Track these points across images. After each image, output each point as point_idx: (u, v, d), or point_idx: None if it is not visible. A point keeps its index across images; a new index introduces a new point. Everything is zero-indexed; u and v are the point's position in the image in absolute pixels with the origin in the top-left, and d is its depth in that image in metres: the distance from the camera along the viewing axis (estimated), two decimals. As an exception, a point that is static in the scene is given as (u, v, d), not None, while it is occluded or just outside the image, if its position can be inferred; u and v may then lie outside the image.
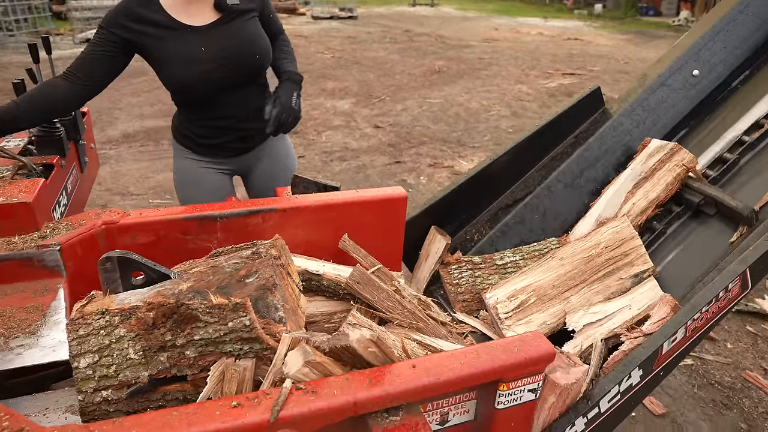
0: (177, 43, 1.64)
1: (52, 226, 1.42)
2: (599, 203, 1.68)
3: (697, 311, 1.15)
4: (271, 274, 1.09)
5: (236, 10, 1.70)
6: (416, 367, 0.95)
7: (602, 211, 1.66)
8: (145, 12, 1.62)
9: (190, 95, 1.74)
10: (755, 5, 1.86)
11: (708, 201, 1.55)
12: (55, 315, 1.33)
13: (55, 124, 1.69)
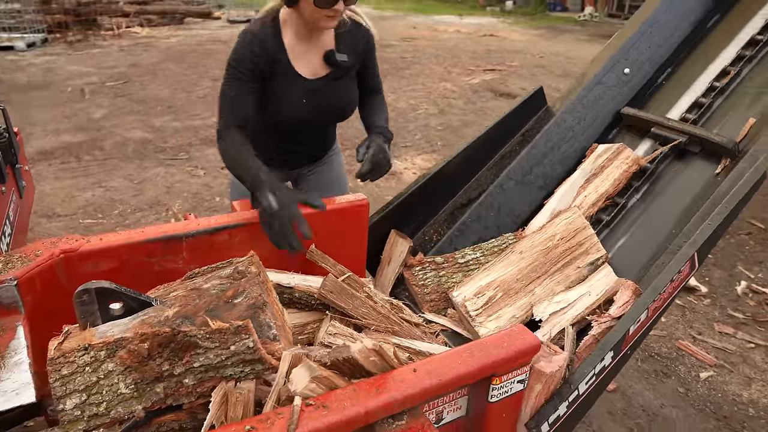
0: (287, 89, 1.66)
1: (4, 259, 1.34)
2: (554, 198, 1.78)
3: (657, 293, 1.26)
4: (259, 293, 1.08)
5: (343, 68, 1.71)
6: (417, 371, 0.98)
7: (556, 205, 1.76)
8: (273, 50, 1.61)
9: (276, 130, 1.79)
10: (673, 8, 2.03)
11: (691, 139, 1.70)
12: (15, 356, 1.25)
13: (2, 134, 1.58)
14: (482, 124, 5.89)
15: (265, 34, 1.60)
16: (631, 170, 1.75)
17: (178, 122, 5.87)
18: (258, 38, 1.60)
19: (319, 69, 1.68)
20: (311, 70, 1.67)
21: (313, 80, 1.68)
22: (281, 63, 1.63)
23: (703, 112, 1.84)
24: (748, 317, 2.75)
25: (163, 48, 10.41)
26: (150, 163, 4.71)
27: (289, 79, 1.65)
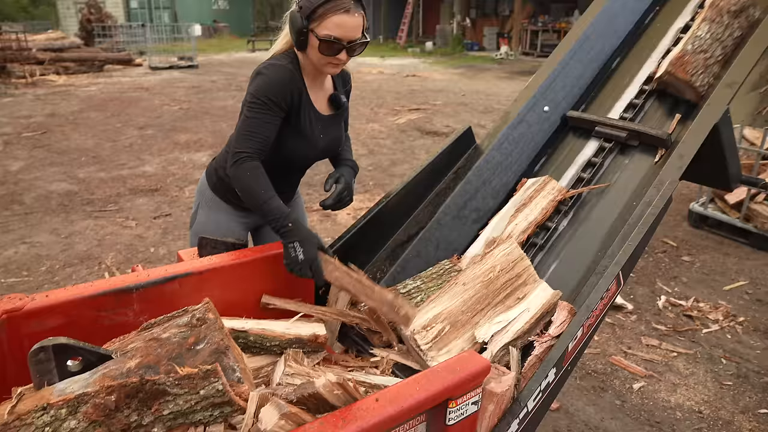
0: (309, 123, 1.73)
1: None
2: (487, 228, 1.91)
3: (590, 311, 1.38)
4: (221, 337, 1.11)
5: (344, 108, 1.85)
6: (380, 400, 1.04)
7: (490, 234, 1.88)
8: (299, 84, 1.69)
9: (285, 165, 1.81)
10: (580, 52, 2.25)
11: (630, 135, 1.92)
12: (-41, 424, 1.20)
13: None
14: (411, 162, 6.11)
15: (293, 70, 1.67)
16: (557, 199, 1.91)
17: (105, 173, 5.70)
18: (291, 70, 1.66)
19: (326, 108, 1.80)
20: (322, 108, 1.78)
21: (325, 116, 1.79)
22: (304, 98, 1.71)
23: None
24: (669, 329, 2.98)
25: (83, 96, 10.12)
26: (77, 215, 4.54)
27: (311, 115, 1.74)
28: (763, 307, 3.21)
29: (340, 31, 1.57)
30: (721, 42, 1.98)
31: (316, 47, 1.58)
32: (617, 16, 2.37)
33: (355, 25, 1.58)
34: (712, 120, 1.75)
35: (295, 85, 1.67)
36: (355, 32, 1.59)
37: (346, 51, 1.61)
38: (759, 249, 3.93)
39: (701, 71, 1.94)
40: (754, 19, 2.03)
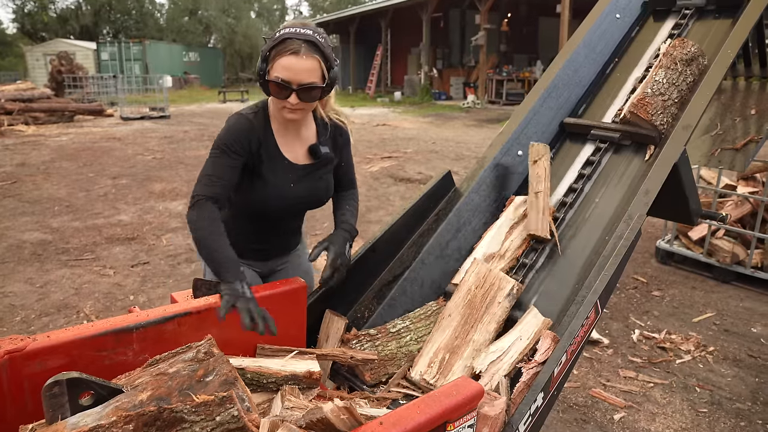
0: (276, 173, 1.72)
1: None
2: (482, 243, 2.02)
3: (572, 337, 1.47)
4: (230, 369, 1.16)
5: (325, 159, 1.80)
6: (383, 424, 1.09)
7: (486, 249, 1.99)
8: (263, 132, 1.69)
9: (258, 215, 1.82)
10: (549, 100, 2.43)
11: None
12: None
13: None
14: (387, 209, 6.23)
15: (257, 118, 1.69)
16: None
17: (79, 222, 5.66)
18: (249, 119, 1.68)
19: (303, 158, 1.77)
20: (295, 157, 1.76)
21: (299, 166, 1.76)
22: (269, 146, 1.70)
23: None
24: (645, 360, 3.08)
25: (54, 146, 10.07)
26: (52, 265, 4.48)
27: (277, 163, 1.72)
28: (730, 337, 3.35)
29: (287, 74, 1.55)
30: (677, 86, 2.17)
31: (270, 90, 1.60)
32: (581, 68, 2.57)
33: (304, 68, 1.55)
34: (672, 159, 1.91)
35: (255, 133, 1.67)
36: (305, 76, 1.56)
37: (297, 95, 1.57)
38: (722, 282, 4.12)
39: (660, 112, 2.13)
40: (704, 66, 2.24)
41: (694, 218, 2.11)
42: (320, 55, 1.57)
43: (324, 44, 1.59)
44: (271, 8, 44.10)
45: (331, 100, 1.79)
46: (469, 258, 2.03)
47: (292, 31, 1.56)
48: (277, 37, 1.57)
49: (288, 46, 1.54)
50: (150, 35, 33.18)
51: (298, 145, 1.76)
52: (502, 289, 1.74)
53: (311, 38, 1.56)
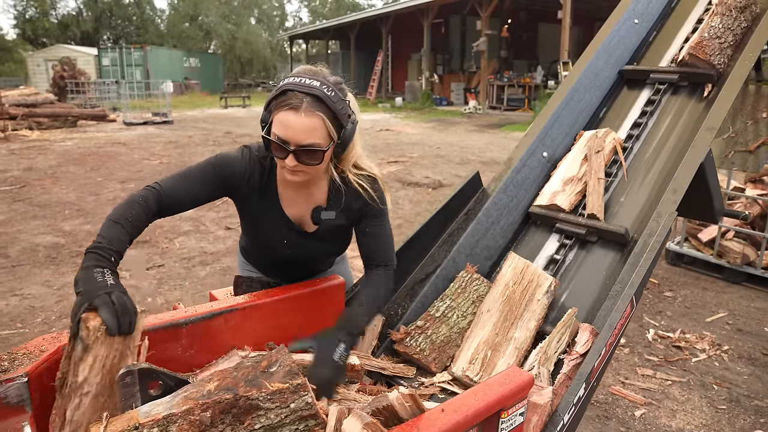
0: (271, 226, 1.59)
1: (8, 356, 1.33)
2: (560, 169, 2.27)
3: (612, 329, 1.52)
4: (292, 360, 1.20)
5: (328, 227, 1.59)
6: (445, 410, 1.14)
7: (564, 173, 2.22)
8: (264, 177, 1.53)
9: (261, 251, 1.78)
10: (572, 104, 2.48)
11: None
12: (24, 459, 1.24)
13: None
14: (396, 212, 6.28)
15: (264, 161, 1.52)
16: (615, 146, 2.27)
17: (90, 225, 5.69)
18: (254, 161, 1.51)
19: (306, 220, 1.60)
20: (297, 217, 1.59)
21: (299, 228, 1.60)
22: (269, 195, 1.55)
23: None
24: (661, 359, 3.13)
25: (59, 151, 10.10)
26: (67, 267, 4.51)
27: (274, 216, 1.58)
28: (744, 336, 3.40)
29: (284, 132, 1.34)
30: (732, 30, 2.37)
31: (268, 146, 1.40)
32: (602, 72, 2.62)
33: (302, 127, 1.32)
34: (699, 159, 1.96)
35: (254, 178, 1.51)
36: (304, 136, 1.33)
37: (295, 157, 1.35)
38: (732, 282, 4.17)
39: (718, 53, 2.32)
40: (755, 14, 2.45)
41: (718, 217, 2.16)
42: (326, 111, 1.34)
43: (332, 98, 1.35)
44: (271, 14, 44.26)
45: (351, 159, 1.51)
46: (555, 175, 2.28)
47: (295, 81, 1.35)
48: (279, 87, 1.37)
49: (287, 99, 1.33)
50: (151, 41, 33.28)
51: (303, 203, 1.57)
52: (540, 286, 1.78)
53: (316, 92, 1.33)
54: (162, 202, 1.39)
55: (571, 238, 2.10)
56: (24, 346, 1.40)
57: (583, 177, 2.15)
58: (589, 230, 2.04)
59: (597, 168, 2.15)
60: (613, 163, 2.27)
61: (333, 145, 1.40)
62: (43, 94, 14.91)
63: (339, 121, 1.38)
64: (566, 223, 2.11)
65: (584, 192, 2.13)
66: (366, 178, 1.55)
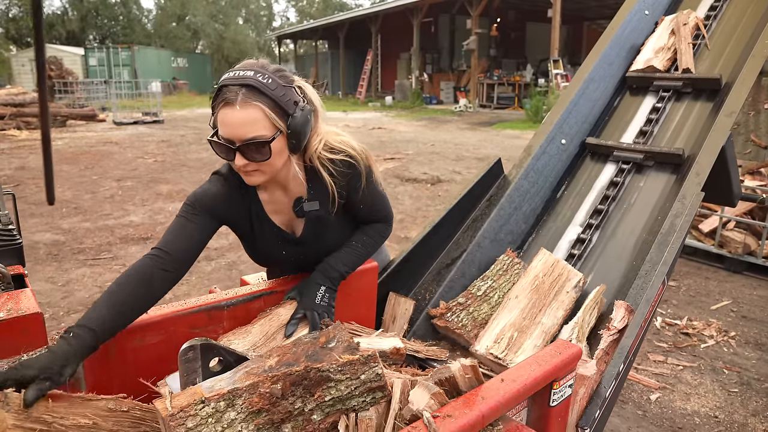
0: (264, 239, 1.55)
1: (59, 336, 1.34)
2: (648, 44, 2.65)
3: (649, 305, 1.55)
4: (349, 336, 1.21)
5: (315, 219, 1.53)
6: (504, 380, 1.16)
7: (654, 44, 2.59)
8: (241, 200, 1.48)
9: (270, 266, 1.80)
10: (587, 93, 2.51)
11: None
12: None
13: (12, 231, 1.58)
14: (397, 207, 6.30)
15: (236, 177, 1.45)
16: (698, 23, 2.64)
17: (89, 223, 5.64)
18: (227, 181, 1.45)
19: (293, 221, 1.56)
20: (283, 220, 1.55)
21: (286, 232, 1.56)
22: (256, 209, 1.51)
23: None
24: (671, 345, 3.18)
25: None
26: (70, 264, 4.47)
27: (265, 228, 1.54)
28: (749, 323, 3.47)
29: (225, 130, 1.27)
30: None
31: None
32: (614, 62, 2.66)
33: (241, 121, 1.25)
34: (720, 142, 2.01)
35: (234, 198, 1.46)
36: (243, 130, 1.26)
37: (241, 154, 1.29)
38: (734, 272, 4.25)
39: None
40: None
41: (735, 200, 2.21)
42: (263, 100, 1.27)
43: (270, 86, 1.27)
44: (258, 14, 44.07)
45: (315, 145, 1.44)
46: (642, 52, 2.64)
47: (230, 75, 1.29)
48: (217, 85, 1.31)
49: (223, 95, 1.26)
50: (138, 41, 32.97)
51: (285, 205, 1.52)
52: (569, 280, 1.81)
53: (250, 81, 1.26)
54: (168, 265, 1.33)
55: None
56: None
57: (672, 46, 2.54)
58: (685, 82, 2.43)
59: (685, 35, 2.53)
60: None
61: (282, 134, 1.31)
62: (30, 93, 14.72)
63: (283, 109, 1.29)
64: (663, 80, 2.50)
65: (674, 58, 2.54)
66: (340, 159, 1.46)
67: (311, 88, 1.44)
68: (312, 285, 1.53)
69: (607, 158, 2.36)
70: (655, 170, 2.21)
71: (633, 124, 2.48)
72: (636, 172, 2.27)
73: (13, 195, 1.75)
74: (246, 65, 1.32)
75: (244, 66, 1.32)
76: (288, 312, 1.52)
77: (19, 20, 32.91)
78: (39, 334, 1.31)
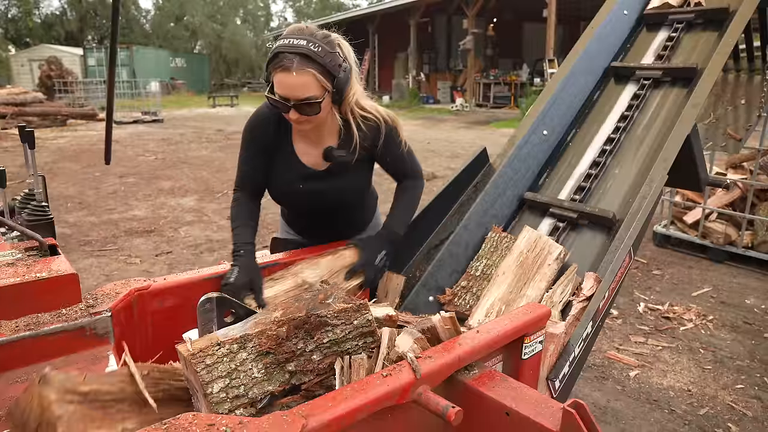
0: (285, 170, 1.76)
1: (92, 296, 1.51)
2: None
3: (614, 275, 1.72)
4: (345, 295, 1.38)
5: (341, 162, 1.73)
6: (480, 331, 1.33)
7: None
8: (279, 128, 1.72)
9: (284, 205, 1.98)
10: (568, 87, 2.69)
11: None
12: (112, 382, 1.40)
13: (45, 208, 1.75)
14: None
15: (275, 113, 1.69)
16: None
17: (94, 217, 5.80)
18: (270, 116, 1.71)
19: (320, 162, 1.75)
20: (311, 161, 1.75)
21: (310, 169, 1.75)
22: (284, 141, 1.73)
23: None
24: (652, 328, 3.36)
25: (53, 149, 10.14)
26: (77, 255, 4.63)
27: (288, 160, 1.74)
28: (727, 308, 3.65)
29: (282, 90, 1.52)
30: None
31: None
32: (595, 58, 2.84)
33: (296, 83, 1.49)
34: (685, 131, 2.18)
35: (272, 124, 1.72)
36: (298, 91, 1.50)
37: (295, 110, 1.54)
38: (716, 261, 4.43)
39: None
40: None
41: (703, 186, 2.38)
42: (315, 67, 1.49)
43: (320, 53, 1.49)
44: (256, 14, 44.23)
45: (352, 100, 1.66)
46: None
47: (284, 43, 1.51)
48: (272, 50, 1.54)
49: (280, 61, 1.49)
50: (136, 41, 33.09)
51: (317, 148, 1.74)
52: (551, 254, 1.98)
53: (303, 50, 1.48)
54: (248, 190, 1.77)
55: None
56: (101, 288, 1.58)
57: None
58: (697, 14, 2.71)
59: None
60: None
61: (329, 94, 1.56)
62: (31, 93, 14.87)
63: (330, 72, 1.52)
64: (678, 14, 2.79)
65: None
66: (369, 115, 1.72)
67: (348, 46, 1.64)
68: (375, 246, 1.80)
69: (587, 147, 2.53)
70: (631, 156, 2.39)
71: (611, 116, 2.65)
72: (614, 159, 2.44)
73: (43, 177, 1.92)
74: (296, 32, 1.53)
75: (295, 33, 1.53)
76: (351, 257, 1.79)
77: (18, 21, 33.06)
78: (75, 291, 1.48)
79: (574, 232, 2.25)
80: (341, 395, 1.06)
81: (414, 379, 1.13)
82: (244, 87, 35.39)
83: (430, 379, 1.17)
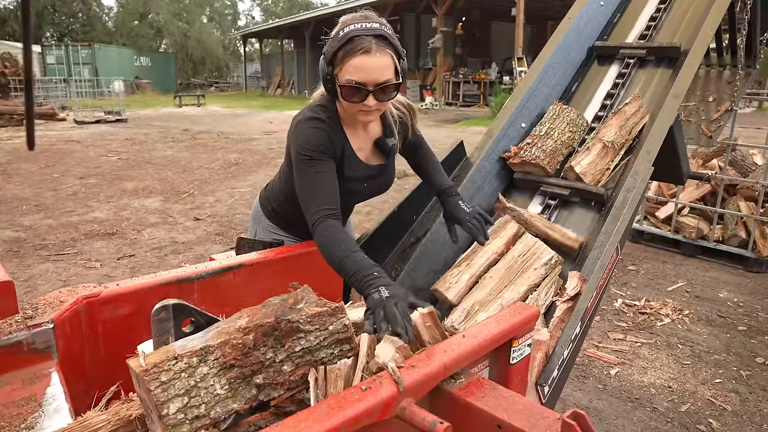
0: (353, 176, 1.68)
1: (31, 306, 1.35)
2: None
3: (602, 272, 1.64)
4: (318, 297, 1.26)
5: (391, 151, 1.73)
6: (465, 336, 1.22)
7: None
8: (340, 135, 1.61)
9: None
10: (546, 79, 2.61)
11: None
12: (54, 402, 1.26)
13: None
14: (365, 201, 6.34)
15: (331, 121, 1.58)
16: None
17: (52, 220, 5.52)
18: (327, 124, 1.57)
19: (372, 156, 1.72)
20: (365, 156, 1.70)
21: (372, 167, 1.72)
22: (347, 149, 1.63)
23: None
24: (630, 325, 3.32)
25: (7, 149, 9.70)
26: (32, 260, 4.38)
27: (354, 165, 1.66)
28: (702, 302, 3.64)
29: (361, 75, 1.42)
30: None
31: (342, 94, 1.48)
32: (572, 50, 2.77)
33: (378, 66, 1.42)
34: (668, 123, 2.12)
35: (337, 139, 1.59)
36: (380, 74, 1.43)
37: (374, 96, 1.45)
38: (689, 256, 4.44)
39: None
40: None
41: (685, 178, 2.33)
42: (392, 48, 1.45)
43: (393, 35, 1.47)
44: (223, 12, 43.51)
45: None
46: None
47: (358, 27, 1.43)
48: (342, 37, 1.44)
49: (358, 45, 1.41)
50: (98, 39, 32.12)
51: (367, 143, 1.70)
52: (540, 258, 1.88)
53: (380, 32, 1.43)
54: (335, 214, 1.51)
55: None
56: (43, 297, 1.42)
57: None
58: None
59: None
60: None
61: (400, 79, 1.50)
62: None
63: (400, 56, 1.49)
64: None
65: None
66: (401, 104, 1.74)
67: None
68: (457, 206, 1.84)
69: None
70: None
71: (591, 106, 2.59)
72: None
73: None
74: (363, 17, 1.48)
75: (362, 18, 1.48)
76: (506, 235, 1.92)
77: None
78: (10, 301, 1.32)
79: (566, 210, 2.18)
80: (315, 413, 0.94)
81: (396, 393, 1.01)
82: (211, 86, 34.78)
83: (414, 392, 1.05)
